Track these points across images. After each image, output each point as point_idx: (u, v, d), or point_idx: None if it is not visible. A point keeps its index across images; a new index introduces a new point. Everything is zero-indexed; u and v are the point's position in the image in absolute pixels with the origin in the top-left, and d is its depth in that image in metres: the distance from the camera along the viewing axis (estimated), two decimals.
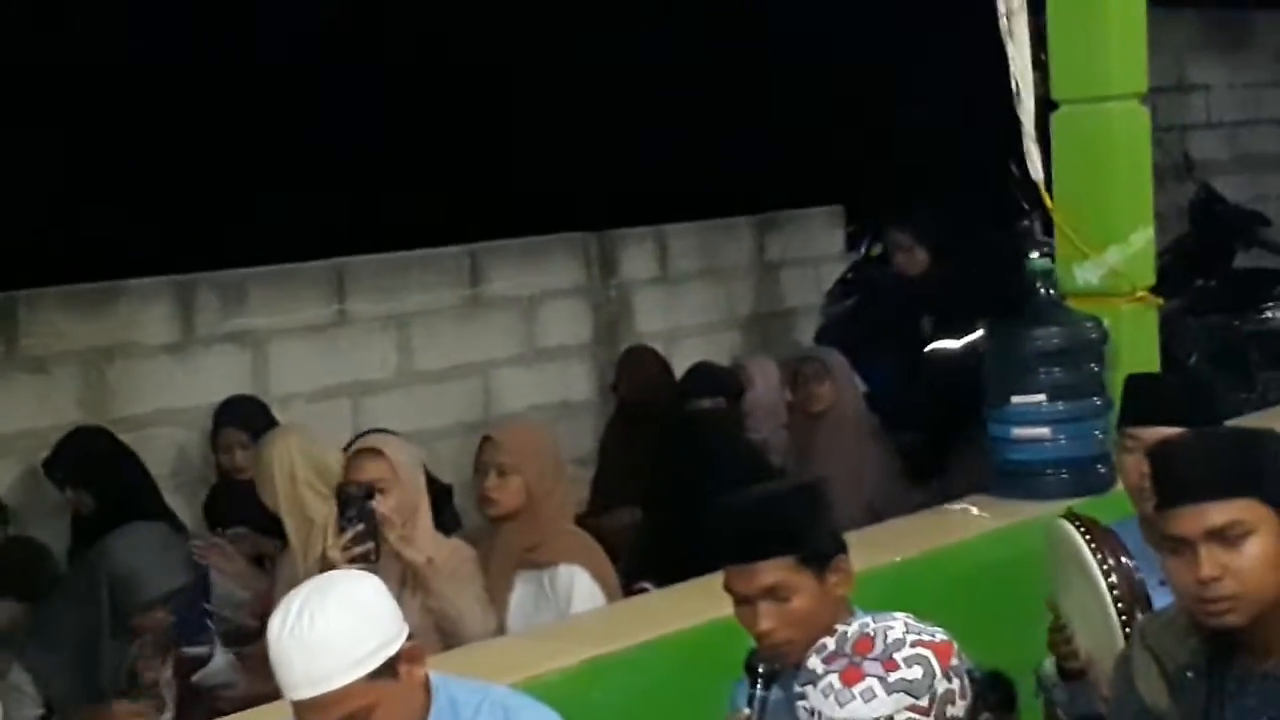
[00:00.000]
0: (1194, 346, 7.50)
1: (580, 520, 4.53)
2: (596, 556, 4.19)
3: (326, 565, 3.70)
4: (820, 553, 2.83)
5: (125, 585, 3.74)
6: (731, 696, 2.94)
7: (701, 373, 5.82)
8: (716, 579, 2.93)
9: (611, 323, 6.71)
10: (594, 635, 3.63)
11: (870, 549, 3.75)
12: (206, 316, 5.58)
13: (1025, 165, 4.85)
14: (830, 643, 2.15)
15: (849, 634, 2.13)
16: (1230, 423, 3.51)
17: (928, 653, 2.10)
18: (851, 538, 2.99)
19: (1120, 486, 4.63)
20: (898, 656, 2.09)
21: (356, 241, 5.91)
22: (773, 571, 2.79)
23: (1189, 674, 2.58)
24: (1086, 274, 4.88)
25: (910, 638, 2.11)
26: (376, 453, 3.94)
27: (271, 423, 5.13)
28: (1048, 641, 3.22)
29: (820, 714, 2.09)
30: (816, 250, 7.44)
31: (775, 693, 2.83)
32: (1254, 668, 2.53)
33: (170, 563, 3.87)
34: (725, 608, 2.89)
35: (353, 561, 3.65)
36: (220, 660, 4.10)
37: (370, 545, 3.66)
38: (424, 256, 6.15)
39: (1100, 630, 3.10)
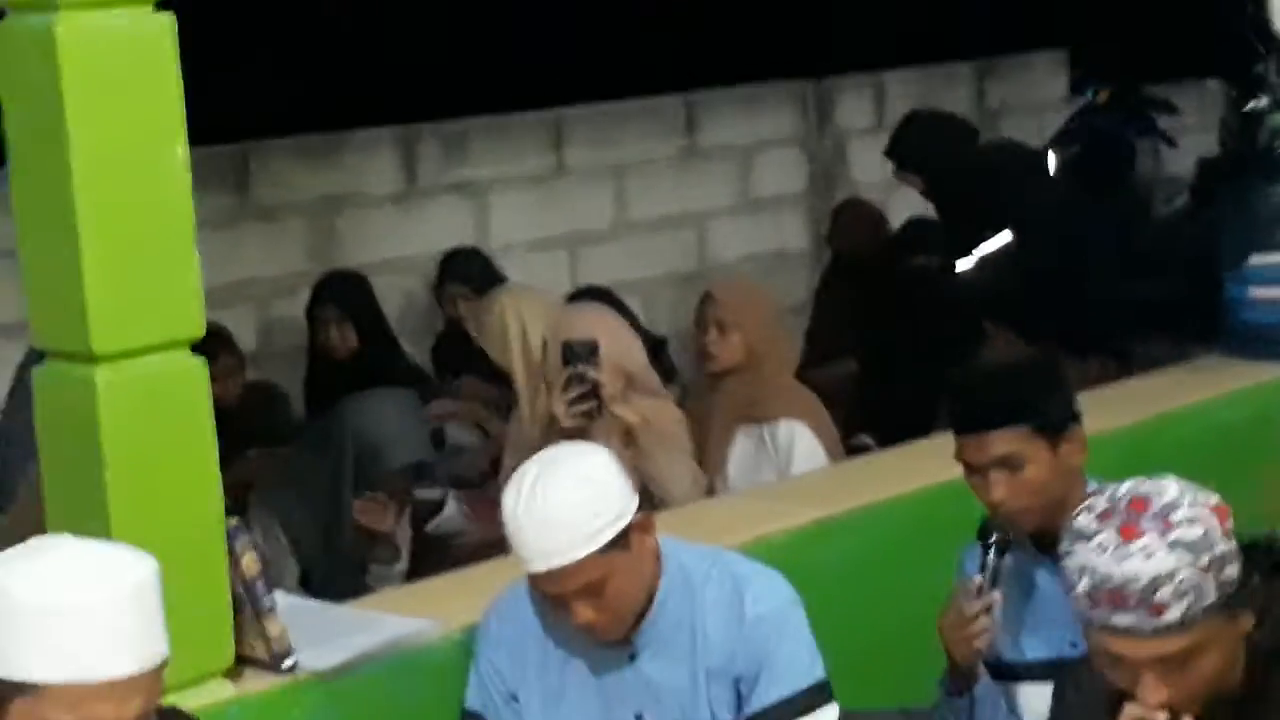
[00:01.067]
0: None
1: (795, 372, 4.53)
2: (817, 411, 4.20)
3: (552, 421, 3.77)
4: (1054, 422, 2.81)
5: (369, 452, 3.81)
6: (960, 561, 2.95)
7: (917, 227, 5.73)
8: (943, 440, 2.93)
9: (827, 173, 6.64)
10: (820, 496, 3.63)
11: (1102, 412, 3.69)
12: (429, 166, 5.65)
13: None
14: (1101, 502, 2.09)
15: (1121, 493, 2.08)
16: None
17: (1207, 512, 2.05)
18: (1082, 399, 2.95)
19: None
20: (1175, 516, 2.03)
21: (575, 92, 5.91)
22: (1006, 441, 2.78)
23: None
24: None
25: (1186, 498, 2.06)
26: (601, 308, 3.97)
27: (493, 275, 5.21)
28: None
29: (1095, 570, 2.04)
30: (1039, 96, 7.26)
31: (1008, 560, 2.84)
32: None
33: (414, 434, 3.93)
34: (953, 470, 2.89)
35: (576, 418, 3.71)
36: (452, 507, 4.21)
37: (594, 403, 3.71)
38: (641, 106, 6.14)
39: None
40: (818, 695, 2.70)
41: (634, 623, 2.67)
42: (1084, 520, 2.09)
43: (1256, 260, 4.52)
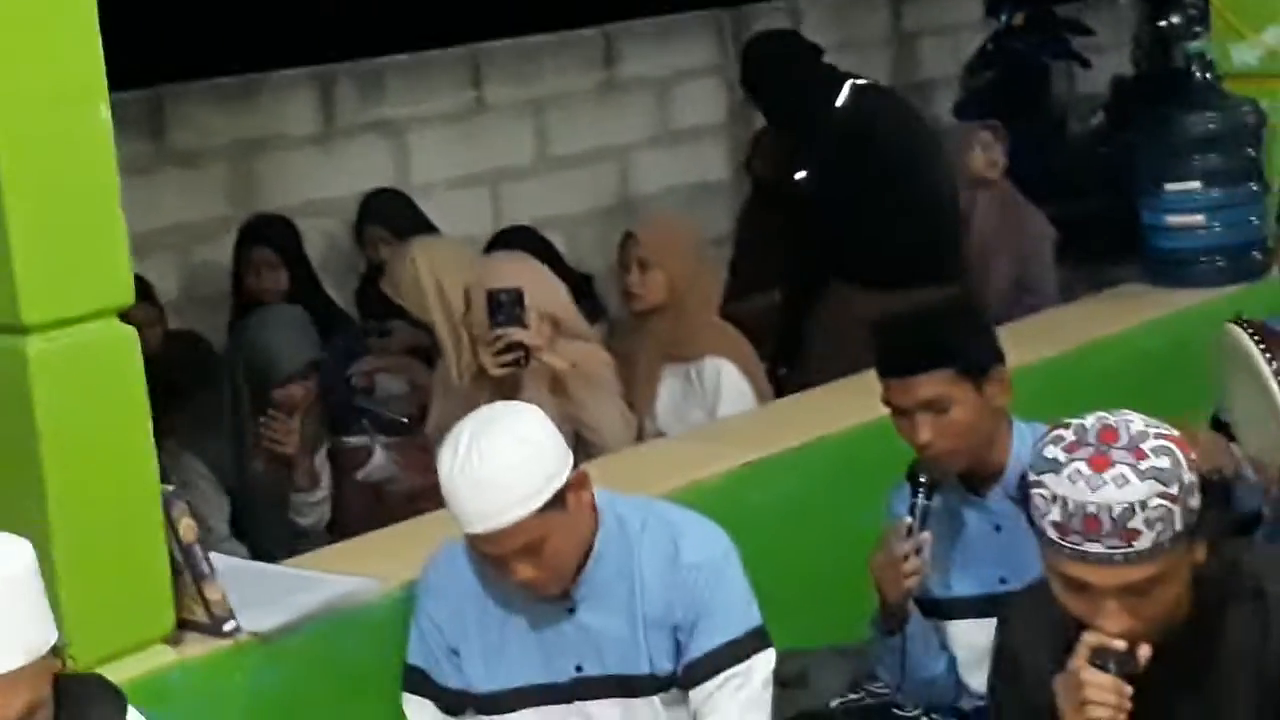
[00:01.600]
0: None
1: (720, 306, 4.54)
2: (742, 348, 4.22)
3: (480, 372, 3.78)
4: (978, 364, 2.86)
5: (259, 366, 3.87)
6: (889, 502, 3.00)
7: None
8: (869, 378, 2.97)
9: (746, 102, 6.63)
10: (750, 438, 3.66)
11: (1023, 344, 3.74)
12: (347, 107, 5.59)
13: None
14: (1067, 434, 2.12)
15: (1087, 425, 2.11)
16: None
17: (1173, 445, 2.08)
18: (1003, 333, 3.00)
19: (1276, 274, 4.61)
20: (1144, 446, 2.07)
21: (492, 27, 5.86)
22: (931, 384, 2.82)
23: None
24: (1244, 55, 4.74)
25: (1152, 430, 2.10)
26: (522, 256, 3.97)
27: (416, 215, 5.18)
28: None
29: (1067, 500, 2.07)
30: (954, 20, 7.26)
31: (936, 500, 2.89)
32: None
33: (301, 339, 3.98)
34: (881, 409, 2.93)
35: (504, 366, 3.72)
36: (381, 456, 4.22)
37: (521, 352, 3.71)
38: (559, 40, 6.09)
39: (1270, 432, 3.10)
40: (755, 640, 2.74)
41: (572, 576, 2.70)
42: (1053, 451, 2.11)
43: (1172, 188, 4.57)
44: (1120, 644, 2.12)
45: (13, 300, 2.53)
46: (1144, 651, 2.14)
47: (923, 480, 2.88)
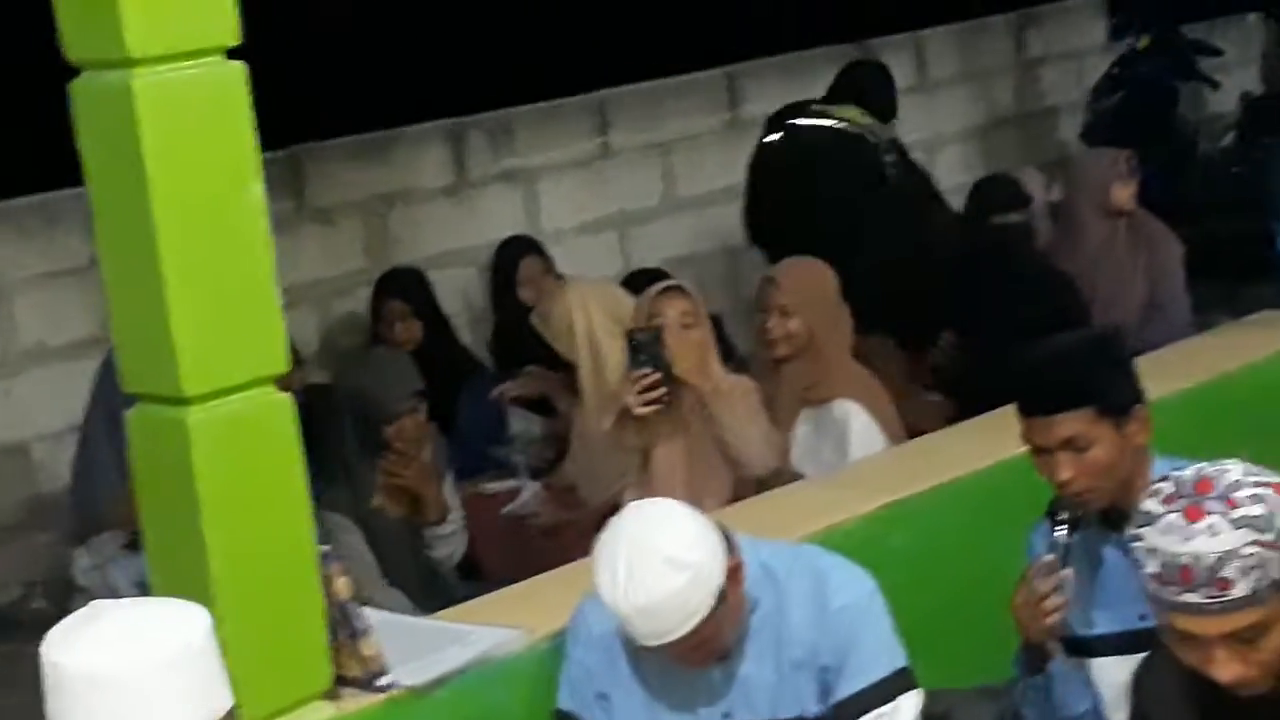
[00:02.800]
0: None
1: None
2: (872, 389, 4.22)
3: (622, 410, 3.83)
4: (1119, 403, 2.84)
5: (367, 406, 3.93)
6: (1029, 540, 2.99)
7: (1001, 184, 5.69)
8: (1005, 415, 2.97)
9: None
10: (888, 480, 3.67)
11: (1161, 376, 3.71)
12: (478, 158, 5.71)
13: None
14: (1166, 486, 2.15)
15: (1185, 477, 2.13)
16: None
17: (1271, 492, 2.09)
18: (1140, 364, 2.97)
19: None
20: (1238, 495, 2.08)
21: (617, 73, 5.94)
22: (1071, 423, 2.80)
23: None
24: None
25: (1249, 479, 2.11)
26: (680, 289, 4.01)
27: (545, 259, 5.27)
28: None
29: (1162, 551, 2.10)
30: (1079, 44, 7.23)
31: (1077, 538, 2.89)
32: None
33: (402, 374, 4.02)
34: (1017, 446, 2.92)
35: (647, 405, 3.78)
36: (528, 492, 4.31)
37: (664, 389, 3.77)
38: (683, 83, 6.16)
39: None
40: (901, 681, 2.76)
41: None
42: (1151, 504, 2.14)
43: None
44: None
45: (174, 373, 2.63)
46: None
47: (1063, 518, 2.87)
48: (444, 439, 4.29)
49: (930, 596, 3.40)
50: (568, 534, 4.00)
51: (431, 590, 3.96)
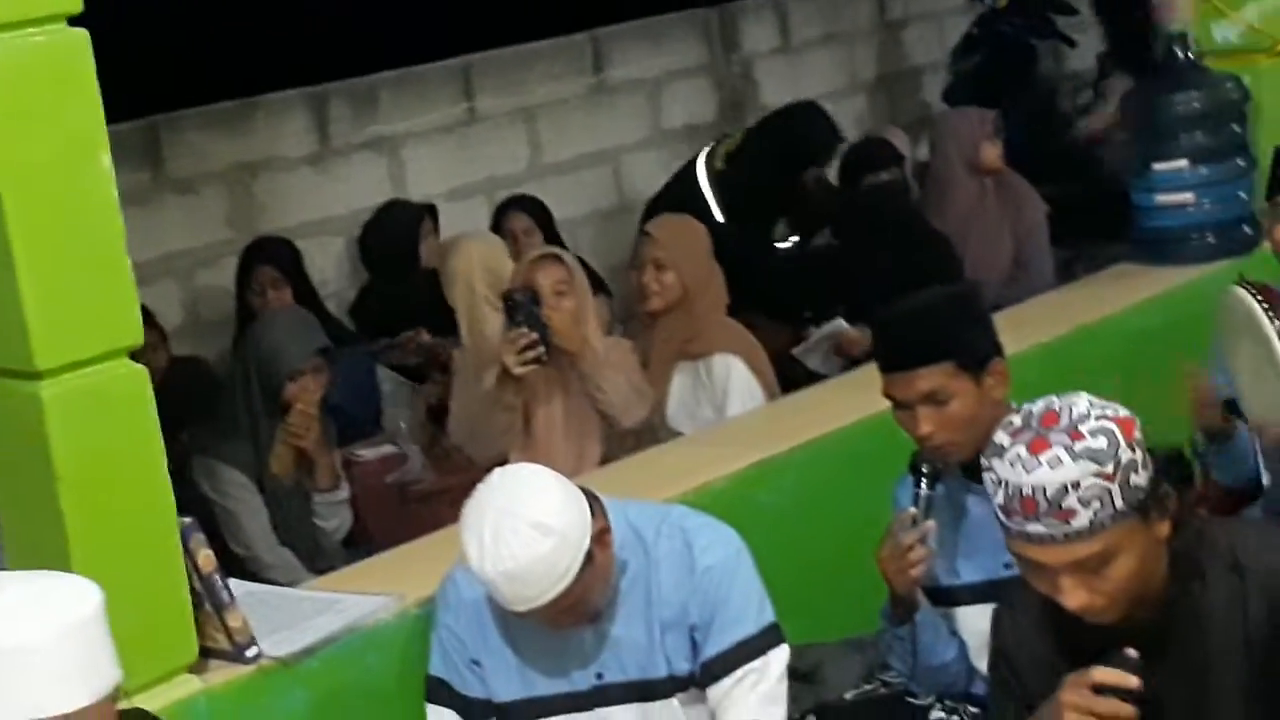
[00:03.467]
0: None
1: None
2: (751, 345, 4.29)
3: (502, 370, 3.85)
4: (977, 357, 2.88)
5: (270, 363, 3.92)
6: (894, 494, 3.04)
7: (874, 144, 5.74)
8: (871, 373, 3.01)
9: (736, 99, 6.68)
10: (755, 439, 3.71)
11: (1018, 330, 3.79)
12: (341, 126, 5.63)
13: None
14: (1015, 419, 2.19)
15: (1034, 411, 2.18)
16: None
17: (1112, 425, 2.14)
18: (998, 320, 3.03)
19: (1266, 247, 4.63)
20: (1083, 428, 2.13)
21: (480, 38, 5.90)
22: (931, 378, 2.85)
23: None
24: (1225, 32, 4.78)
25: (1094, 412, 2.15)
26: (555, 258, 4.02)
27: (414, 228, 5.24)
28: (1192, 406, 3.26)
29: (1008, 483, 2.14)
30: (939, 5, 7.29)
31: (939, 490, 2.94)
32: None
33: (306, 333, 4.04)
34: (882, 403, 2.96)
35: (525, 365, 3.80)
36: (416, 460, 4.31)
37: (540, 350, 3.79)
38: (547, 47, 6.13)
39: (1273, 393, 3.14)
40: (769, 636, 2.80)
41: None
42: (1000, 436, 2.18)
43: (1160, 167, 4.61)
44: (1134, 681, 2.17)
45: (26, 348, 2.58)
46: (1132, 653, 2.19)
47: (925, 471, 2.92)
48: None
49: (799, 552, 3.44)
50: (450, 499, 3.99)
51: (317, 559, 3.95)
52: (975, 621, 3.01)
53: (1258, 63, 4.78)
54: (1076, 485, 2.11)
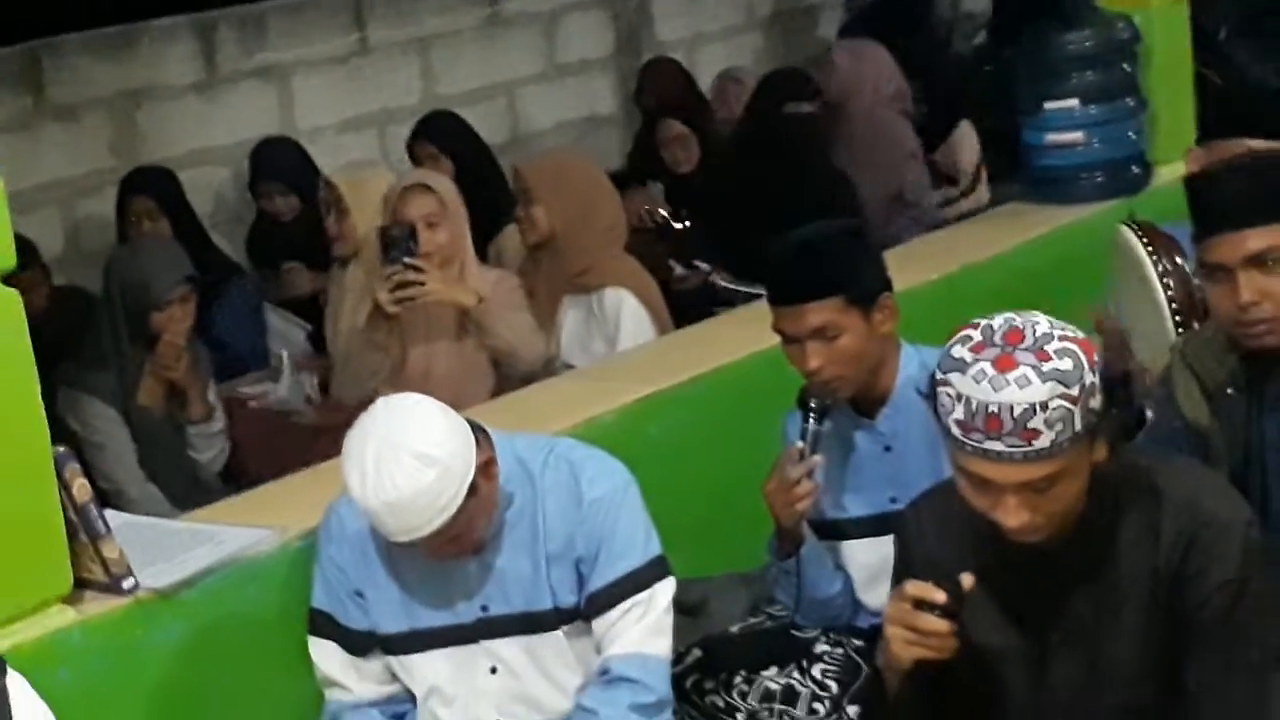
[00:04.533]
0: (1223, 17, 7.38)
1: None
2: (643, 279, 4.27)
3: (375, 307, 3.78)
4: (867, 292, 2.89)
5: (136, 293, 3.86)
6: (782, 428, 3.04)
7: (790, 76, 5.70)
8: (761, 307, 3.00)
9: (632, 33, 6.63)
10: (645, 372, 3.69)
11: (909, 267, 3.79)
12: (229, 53, 5.53)
13: None
14: (975, 334, 2.16)
15: (994, 326, 2.16)
16: None
17: (1076, 347, 2.13)
18: (889, 257, 3.03)
19: (1156, 185, 4.69)
20: (1049, 348, 2.12)
21: None
22: (820, 312, 2.85)
23: (1229, 390, 2.67)
24: None
25: (1057, 332, 2.14)
26: (425, 188, 3.96)
27: (307, 164, 5.15)
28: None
29: (971, 399, 2.12)
30: None
31: (827, 425, 2.94)
32: None
33: (172, 261, 3.96)
34: (771, 338, 2.96)
35: (400, 302, 3.72)
36: (284, 386, 4.25)
37: (419, 286, 3.72)
38: None
39: (1158, 337, 3.17)
40: (655, 569, 2.78)
41: None
42: (960, 351, 2.16)
43: (1051, 106, 4.63)
44: (940, 596, 2.21)
45: None
46: (967, 580, 2.22)
47: (813, 406, 2.91)
48: (201, 343, 4.20)
49: (687, 486, 3.44)
50: (333, 436, 3.94)
51: (192, 493, 3.88)
52: (861, 555, 3.04)
53: (1148, 3, 4.79)
54: (1045, 406, 2.10)
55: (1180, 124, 4.84)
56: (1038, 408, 2.10)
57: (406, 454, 2.53)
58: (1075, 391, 2.11)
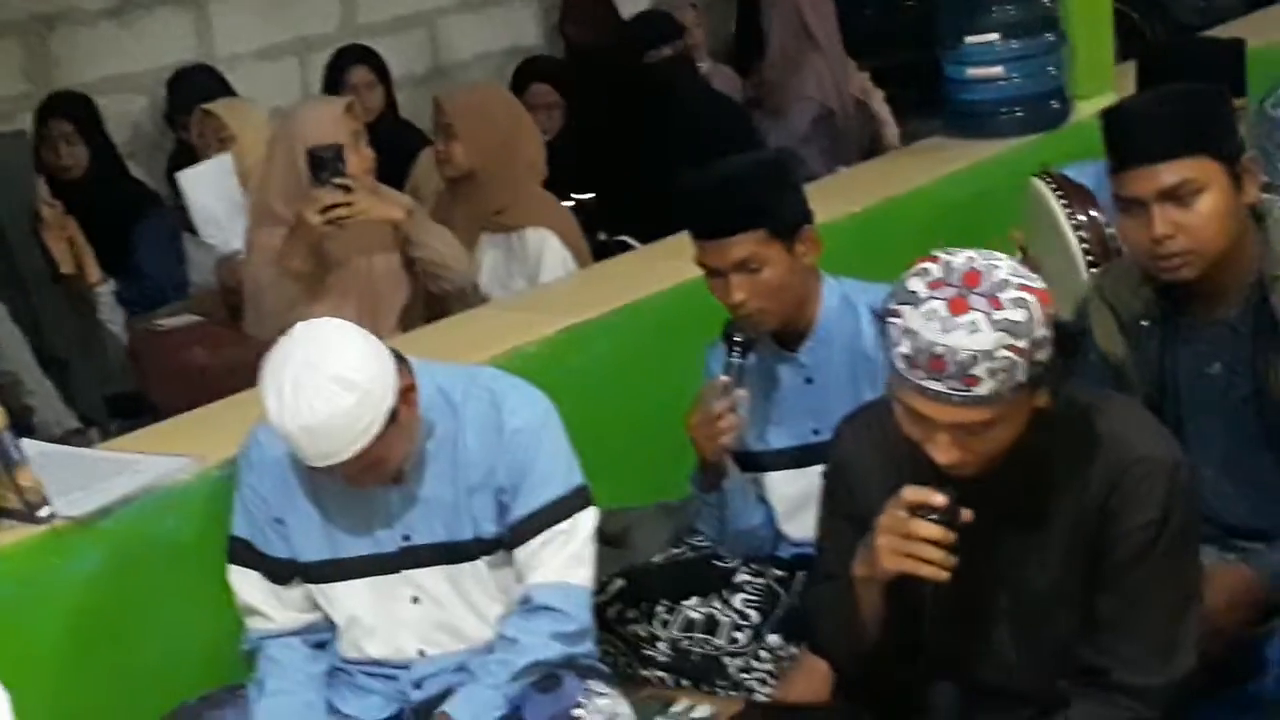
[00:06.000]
0: None
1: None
2: (564, 218, 4.25)
3: (293, 233, 3.73)
4: (789, 224, 2.89)
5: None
6: (706, 361, 3.05)
7: (656, 19, 5.72)
8: (684, 240, 3.00)
9: None
10: (568, 304, 3.69)
11: (830, 201, 3.81)
12: None
13: None
14: (934, 269, 2.14)
15: (954, 264, 2.13)
16: None
17: (1031, 297, 2.12)
18: (810, 190, 3.04)
19: (1075, 120, 4.71)
20: (1003, 296, 2.10)
21: None
22: (743, 245, 2.85)
23: (1143, 323, 2.71)
24: None
25: (1015, 280, 2.13)
26: (350, 109, 3.91)
27: (227, 92, 5.08)
28: None
29: (919, 335, 2.11)
30: None
31: (751, 358, 2.95)
32: (1205, 315, 2.66)
33: (23, 154, 4.14)
34: (695, 270, 2.96)
35: (332, 223, 3.69)
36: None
37: (349, 207, 3.69)
38: None
39: (1072, 285, 3.20)
40: (577, 498, 2.78)
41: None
42: (917, 285, 2.14)
43: (972, 40, 4.64)
44: (941, 499, 2.20)
45: None
46: (966, 514, 2.22)
47: (737, 339, 2.93)
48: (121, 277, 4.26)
49: (609, 417, 3.45)
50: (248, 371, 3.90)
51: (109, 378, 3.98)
52: (783, 487, 3.06)
53: None
54: (989, 355, 2.10)
55: (1099, 60, 4.86)
56: (981, 356, 2.10)
57: (325, 377, 2.51)
58: (1023, 344, 2.11)
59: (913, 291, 2.15)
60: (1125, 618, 2.27)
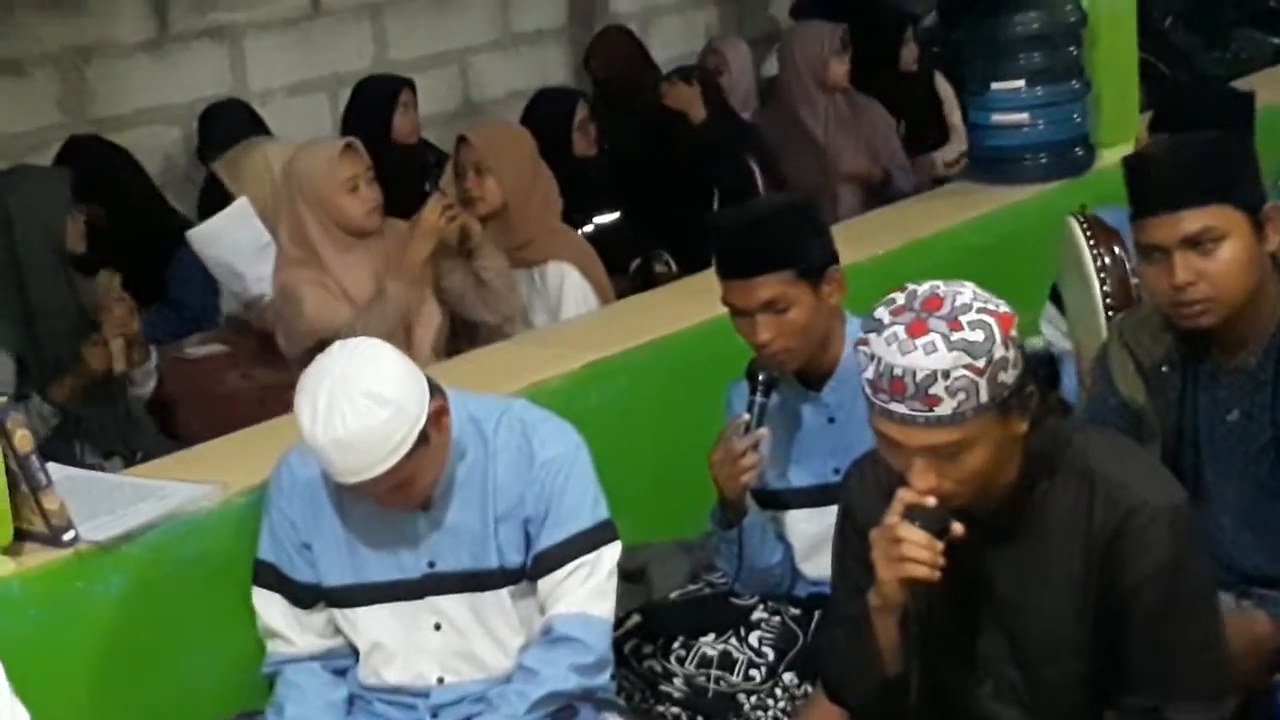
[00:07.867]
0: (1169, 5, 7.45)
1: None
2: (585, 252, 4.29)
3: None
4: (815, 265, 2.91)
5: (33, 226, 3.93)
6: (728, 399, 3.06)
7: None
8: (707, 278, 3.02)
9: (587, 6, 6.63)
10: (591, 339, 3.71)
11: (856, 242, 3.83)
12: (180, 12, 5.48)
13: None
14: (900, 297, 2.20)
15: (919, 292, 2.19)
16: None
17: (991, 320, 2.15)
18: (837, 231, 3.06)
19: (1099, 167, 4.73)
20: (963, 318, 2.14)
21: None
22: (770, 286, 2.87)
23: (1163, 369, 2.71)
24: None
25: (976, 304, 2.17)
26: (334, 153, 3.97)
27: (258, 128, 5.13)
28: None
29: (880, 360, 2.16)
30: None
31: (774, 398, 2.97)
32: (1225, 362, 2.67)
33: (58, 188, 4.03)
34: (717, 309, 2.98)
35: (452, 220, 3.90)
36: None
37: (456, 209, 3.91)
38: None
39: (1093, 326, 3.21)
40: (603, 532, 2.80)
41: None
42: (881, 312, 2.20)
43: (998, 87, 4.67)
44: (931, 501, 2.22)
45: None
46: (956, 528, 2.24)
47: (761, 378, 2.94)
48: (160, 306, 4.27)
49: (630, 453, 3.45)
50: (260, 398, 3.94)
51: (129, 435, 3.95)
52: (803, 525, 3.06)
53: None
54: (946, 374, 2.13)
55: (1124, 108, 4.88)
56: (939, 375, 2.13)
57: (359, 392, 2.54)
58: (981, 363, 2.13)
59: (878, 319, 2.20)
60: (1167, 671, 2.27)
